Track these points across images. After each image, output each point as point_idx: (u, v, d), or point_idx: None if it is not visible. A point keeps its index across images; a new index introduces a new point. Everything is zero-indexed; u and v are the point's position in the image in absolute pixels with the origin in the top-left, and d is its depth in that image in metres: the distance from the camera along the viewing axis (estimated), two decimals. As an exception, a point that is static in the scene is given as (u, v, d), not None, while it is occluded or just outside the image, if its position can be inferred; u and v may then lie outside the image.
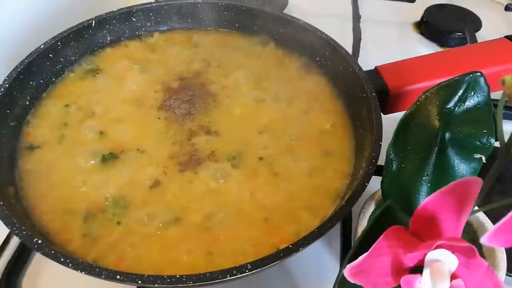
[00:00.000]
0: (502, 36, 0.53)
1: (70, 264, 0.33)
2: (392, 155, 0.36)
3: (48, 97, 0.52)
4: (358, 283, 0.26)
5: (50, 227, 0.41)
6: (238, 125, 0.50)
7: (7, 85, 0.47)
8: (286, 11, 0.78)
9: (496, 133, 0.34)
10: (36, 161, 0.46)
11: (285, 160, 0.46)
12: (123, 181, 0.44)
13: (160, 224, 0.41)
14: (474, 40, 0.73)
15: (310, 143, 0.48)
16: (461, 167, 0.35)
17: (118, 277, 0.33)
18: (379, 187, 0.37)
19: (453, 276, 0.25)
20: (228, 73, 0.56)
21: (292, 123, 0.50)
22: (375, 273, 0.26)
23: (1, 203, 0.38)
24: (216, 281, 0.33)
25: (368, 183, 0.39)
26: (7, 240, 0.48)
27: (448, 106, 0.36)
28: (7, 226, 0.36)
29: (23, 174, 0.45)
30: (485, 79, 0.36)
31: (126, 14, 0.58)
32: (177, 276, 0.33)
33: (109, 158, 0.46)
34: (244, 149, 0.47)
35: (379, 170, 0.38)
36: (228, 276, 0.33)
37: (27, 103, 0.50)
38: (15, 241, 0.48)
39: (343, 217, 0.38)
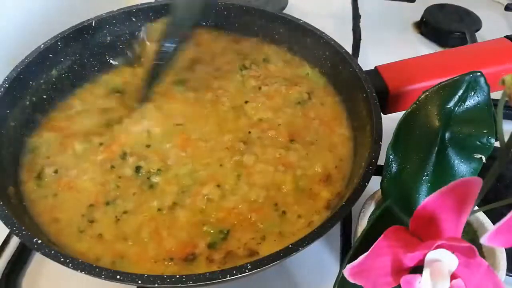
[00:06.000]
0: (502, 36, 0.53)
1: (70, 264, 0.33)
2: (392, 155, 0.36)
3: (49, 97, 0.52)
4: (358, 283, 0.26)
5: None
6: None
7: (7, 85, 0.47)
8: (286, 11, 0.78)
9: (496, 133, 0.34)
10: (37, 161, 0.46)
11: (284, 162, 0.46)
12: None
13: None
14: (474, 40, 0.73)
15: (310, 143, 0.48)
16: (461, 167, 0.35)
17: (118, 277, 0.33)
18: (379, 187, 0.37)
19: (453, 276, 0.25)
20: (228, 73, 0.56)
21: (292, 123, 0.50)
22: (375, 273, 0.26)
23: (1, 203, 0.38)
24: (216, 281, 0.33)
25: (368, 183, 0.39)
26: (7, 240, 0.48)
27: (448, 106, 0.36)
28: (7, 226, 0.36)
29: (24, 175, 0.45)
30: (485, 79, 0.36)
31: (126, 14, 0.58)
32: (177, 276, 0.33)
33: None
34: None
35: (379, 170, 0.38)
36: (228, 276, 0.33)
37: (27, 103, 0.50)
38: (15, 241, 0.48)
39: (343, 217, 0.38)
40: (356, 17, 0.78)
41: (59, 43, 0.53)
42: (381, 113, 0.45)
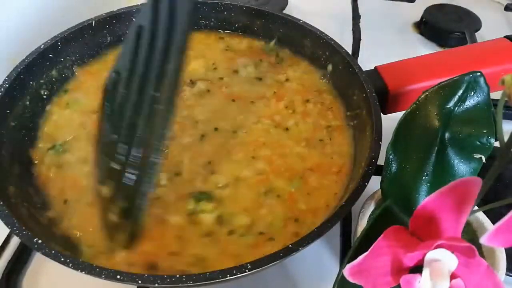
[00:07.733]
0: (502, 36, 0.53)
1: (70, 264, 0.33)
2: (392, 155, 0.36)
3: (49, 97, 0.52)
4: (358, 283, 0.26)
5: None
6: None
7: (7, 85, 0.47)
8: (286, 11, 0.78)
9: (496, 133, 0.34)
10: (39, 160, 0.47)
11: (283, 163, 0.47)
12: None
13: None
14: (474, 40, 0.73)
15: (310, 143, 0.48)
16: (461, 167, 0.35)
17: (118, 277, 0.33)
18: (379, 187, 0.37)
19: (453, 276, 0.25)
20: (227, 72, 0.56)
21: (292, 124, 0.50)
22: (375, 272, 0.26)
23: (1, 203, 0.38)
24: (216, 280, 0.33)
25: (367, 183, 0.39)
26: (7, 240, 0.48)
27: (448, 106, 0.36)
28: (7, 226, 0.36)
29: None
30: (484, 79, 0.36)
31: (126, 14, 0.58)
32: (177, 275, 0.33)
33: None
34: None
35: (379, 170, 0.38)
36: (228, 276, 0.33)
37: (28, 103, 0.50)
38: (15, 241, 0.48)
39: (343, 217, 0.38)
40: (356, 17, 0.78)
41: (59, 43, 0.53)
42: (381, 113, 0.45)
